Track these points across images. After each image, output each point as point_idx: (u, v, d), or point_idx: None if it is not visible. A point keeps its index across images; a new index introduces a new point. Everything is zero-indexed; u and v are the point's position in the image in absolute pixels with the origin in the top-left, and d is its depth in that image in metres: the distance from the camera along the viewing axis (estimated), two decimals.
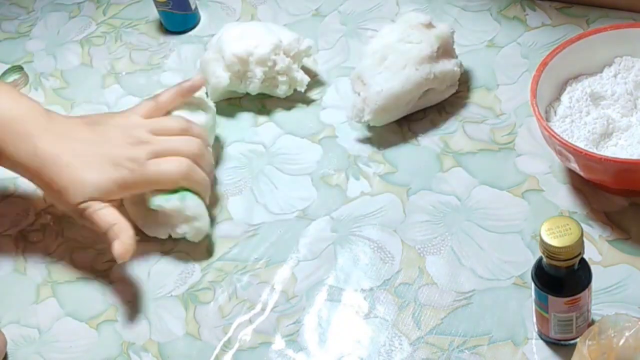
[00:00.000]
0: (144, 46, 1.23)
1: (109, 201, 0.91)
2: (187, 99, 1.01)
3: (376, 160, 1.02)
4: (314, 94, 1.11)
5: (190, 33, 1.23)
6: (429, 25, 1.04)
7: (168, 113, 0.99)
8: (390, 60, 1.01)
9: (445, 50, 1.03)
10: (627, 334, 0.74)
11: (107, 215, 0.90)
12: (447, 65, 1.03)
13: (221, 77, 1.07)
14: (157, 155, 0.93)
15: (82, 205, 0.90)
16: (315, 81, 1.12)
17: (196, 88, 1.01)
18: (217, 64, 1.08)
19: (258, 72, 1.06)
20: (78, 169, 0.90)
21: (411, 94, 1.01)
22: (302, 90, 1.09)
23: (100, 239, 0.92)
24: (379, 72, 1.01)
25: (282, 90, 1.08)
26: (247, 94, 1.10)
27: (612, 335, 0.74)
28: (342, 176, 1.01)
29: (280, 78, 1.08)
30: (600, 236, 0.90)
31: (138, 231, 0.95)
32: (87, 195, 0.90)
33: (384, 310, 0.89)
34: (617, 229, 0.90)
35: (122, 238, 0.89)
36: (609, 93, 0.96)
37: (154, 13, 1.26)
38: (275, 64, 1.07)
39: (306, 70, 1.11)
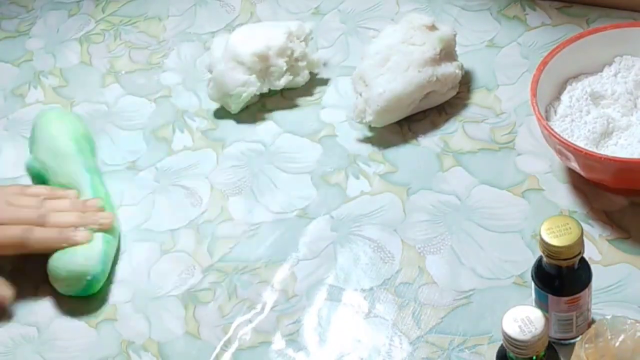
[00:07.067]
0: (144, 45, 1.23)
1: None
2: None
3: (376, 159, 1.02)
4: (314, 93, 1.10)
5: (190, 31, 1.23)
6: (432, 27, 1.03)
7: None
8: (393, 62, 1.01)
9: (448, 52, 1.03)
10: (623, 336, 0.74)
11: None
12: (449, 68, 1.03)
13: (247, 81, 1.06)
14: (3, 222, 0.94)
15: None
16: (315, 80, 1.12)
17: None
18: (236, 71, 1.07)
19: (281, 63, 1.07)
20: None
21: (413, 96, 1.01)
22: (318, 72, 1.09)
23: None
24: (381, 73, 1.01)
25: (303, 77, 1.09)
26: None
27: (609, 337, 0.74)
28: (342, 175, 1.01)
29: (300, 64, 1.08)
30: (600, 235, 0.90)
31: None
32: None
33: (384, 310, 0.89)
34: (617, 228, 0.90)
35: None
36: (609, 92, 0.96)
37: (152, 9, 1.26)
38: (292, 51, 1.07)
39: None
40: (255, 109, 1.10)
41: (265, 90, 1.08)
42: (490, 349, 0.83)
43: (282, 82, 1.08)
